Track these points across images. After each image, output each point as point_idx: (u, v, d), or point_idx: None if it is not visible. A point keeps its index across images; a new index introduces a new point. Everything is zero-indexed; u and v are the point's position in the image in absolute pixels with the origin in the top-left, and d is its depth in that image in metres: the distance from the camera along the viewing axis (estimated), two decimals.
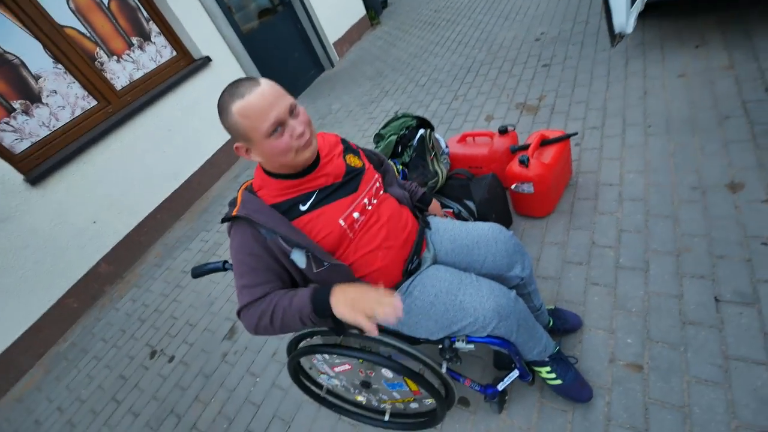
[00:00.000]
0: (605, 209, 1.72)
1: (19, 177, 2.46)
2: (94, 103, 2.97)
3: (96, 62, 2.97)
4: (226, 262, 1.11)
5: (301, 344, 1.16)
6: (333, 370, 1.18)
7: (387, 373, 1.09)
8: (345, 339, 1.07)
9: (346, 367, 1.14)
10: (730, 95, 1.93)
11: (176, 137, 3.32)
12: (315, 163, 0.96)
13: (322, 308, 0.82)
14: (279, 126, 0.83)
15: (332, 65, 4.92)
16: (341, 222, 0.93)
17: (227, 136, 3.71)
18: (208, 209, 3.28)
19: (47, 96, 2.75)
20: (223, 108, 0.84)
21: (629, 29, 1.84)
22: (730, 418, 1.03)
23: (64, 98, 2.83)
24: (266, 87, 0.83)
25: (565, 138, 1.73)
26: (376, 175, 1.06)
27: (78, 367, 2.31)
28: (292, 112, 0.85)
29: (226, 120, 0.85)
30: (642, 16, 2.72)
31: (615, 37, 1.88)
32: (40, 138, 2.70)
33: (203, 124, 3.51)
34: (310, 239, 0.89)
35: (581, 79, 2.55)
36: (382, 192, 1.06)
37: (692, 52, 2.29)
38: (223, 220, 0.92)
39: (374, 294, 0.78)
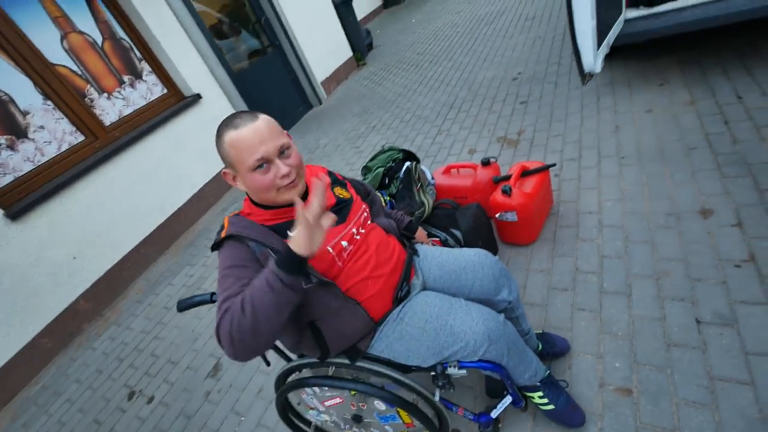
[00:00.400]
0: (586, 236, 1.78)
1: None
2: (81, 138, 2.98)
3: (86, 99, 3.01)
4: (213, 294, 1.10)
5: (290, 378, 1.14)
6: (323, 405, 1.15)
7: (379, 405, 1.06)
8: (336, 371, 1.06)
9: (338, 400, 1.12)
10: (693, 128, 2.08)
11: (163, 171, 3.33)
12: (304, 195, 0.99)
13: (284, 259, 0.77)
14: (265, 163, 0.86)
15: (320, 102, 5.09)
16: (329, 249, 0.94)
17: (214, 170, 3.74)
18: (193, 243, 3.24)
19: (34, 131, 2.75)
20: (218, 135, 0.89)
21: (597, 69, 2.00)
22: None
23: (51, 133, 2.84)
24: (261, 123, 0.87)
25: (544, 169, 1.81)
26: (364, 206, 1.10)
27: (48, 412, 2.16)
28: (282, 152, 0.88)
29: (218, 146, 0.90)
30: (609, 57, 2.95)
31: (585, 76, 2.04)
32: (23, 173, 2.67)
33: (191, 159, 3.54)
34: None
35: (557, 114, 2.71)
36: (369, 222, 1.09)
37: (657, 90, 2.48)
38: (213, 248, 0.93)
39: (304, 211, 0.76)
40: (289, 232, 0.79)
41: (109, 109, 3.15)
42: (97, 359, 2.40)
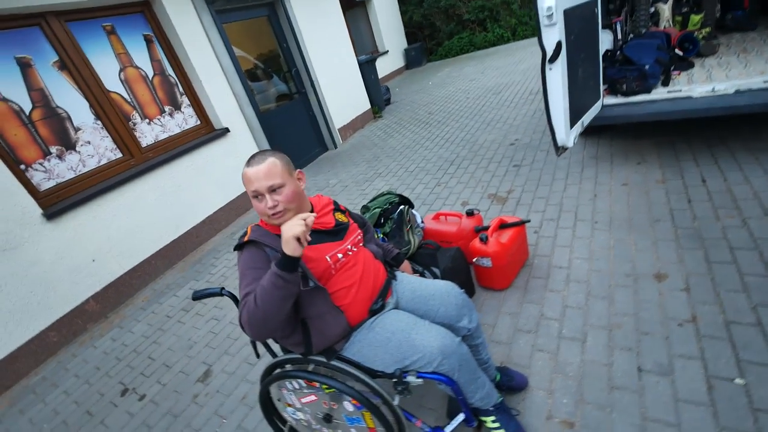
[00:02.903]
0: (554, 287, 1.98)
1: (38, 211, 2.71)
2: (119, 155, 3.34)
3: (130, 122, 3.42)
4: (223, 288, 1.32)
5: (275, 372, 1.32)
6: (300, 401, 1.32)
7: (348, 406, 1.24)
8: (315, 368, 1.25)
9: (312, 398, 1.29)
10: (660, 203, 2.33)
11: (184, 193, 3.65)
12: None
13: (280, 260, 1.00)
14: (259, 195, 1.14)
15: (335, 147, 5.53)
16: (327, 258, 1.18)
17: (230, 197, 4.07)
18: (201, 260, 3.47)
19: (81, 145, 3.12)
20: None
21: (570, 144, 2.30)
22: None
23: (95, 149, 3.21)
24: (263, 166, 1.13)
25: (520, 224, 2.06)
26: (359, 231, 1.35)
27: (45, 401, 2.29)
28: (274, 190, 1.13)
29: None
30: (597, 135, 3.31)
31: (558, 149, 2.34)
32: (65, 179, 3.00)
33: (210, 184, 3.88)
34: (303, 262, 1.13)
35: (544, 179, 3.00)
36: (361, 244, 1.33)
37: (634, 167, 2.77)
38: (236, 248, 1.18)
39: (294, 219, 1.02)
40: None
41: (148, 133, 3.54)
42: (97, 357, 2.56)
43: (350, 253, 1.26)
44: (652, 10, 3.23)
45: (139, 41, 3.53)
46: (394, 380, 1.17)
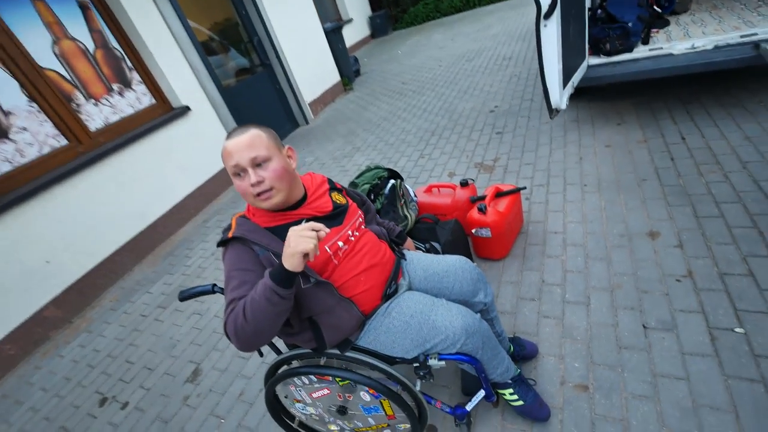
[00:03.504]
0: (552, 253, 1.97)
1: None
2: (64, 142, 2.97)
3: (72, 103, 3.03)
4: (215, 285, 1.18)
5: (281, 370, 1.21)
6: (311, 396, 1.23)
7: (365, 396, 1.15)
8: (327, 361, 1.15)
9: (325, 392, 1.20)
10: (645, 162, 2.35)
11: (146, 180, 3.34)
12: (303, 199, 1.11)
13: (277, 274, 0.85)
14: (241, 171, 0.98)
15: (307, 122, 5.25)
16: (327, 248, 1.05)
17: (198, 182, 3.77)
18: (173, 252, 3.23)
19: (15, 132, 2.73)
20: None
21: (563, 105, 2.25)
22: (660, 426, 1.19)
23: (34, 135, 2.82)
24: (245, 137, 0.98)
25: (516, 191, 2.01)
26: (359, 212, 1.22)
27: (9, 421, 2.07)
28: (259, 164, 0.98)
29: None
30: (576, 98, 3.28)
31: (552, 111, 2.29)
32: (1, 173, 2.63)
33: (176, 170, 3.57)
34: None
35: (529, 145, 2.96)
36: (363, 227, 1.21)
37: (615, 128, 2.78)
38: (219, 244, 1.02)
39: (304, 229, 0.86)
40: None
41: (96, 115, 3.17)
42: (66, 367, 2.33)
43: (352, 238, 1.13)
44: None
45: (72, 8, 3.08)
46: (416, 365, 1.10)
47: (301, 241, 0.84)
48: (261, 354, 1.21)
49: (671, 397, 1.25)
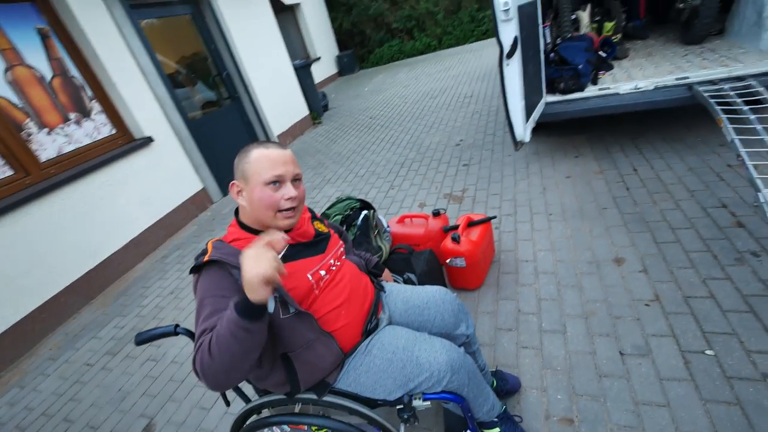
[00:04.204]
0: (525, 281, 1.98)
1: None
2: (9, 172, 2.74)
3: (23, 132, 2.83)
4: (177, 325, 1.06)
5: (250, 420, 1.09)
6: None
7: None
8: (303, 407, 1.05)
9: None
10: (603, 192, 2.48)
11: (101, 213, 3.12)
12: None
13: (242, 305, 0.74)
14: (278, 182, 0.95)
15: None
16: (309, 276, 0.99)
17: (158, 215, 3.57)
18: (126, 291, 2.97)
19: None
20: (245, 151, 0.99)
21: (527, 138, 2.37)
22: None
23: None
24: (288, 152, 1.00)
25: (487, 220, 2.04)
26: (340, 242, 1.17)
27: None
28: (295, 180, 0.99)
29: (240, 160, 0.99)
30: (535, 132, 3.47)
31: (517, 143, 2.40)
32: None
33: (134, 203, 3.37)
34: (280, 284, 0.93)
35: (494, 176, 3.07)
36: (344, 257, 1.16)
37: (573, 161, 2.95)
38: (192, 270, 0.93)
39: (257, 248, 0.75)
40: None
41: (48, 145, 2.97)
42: None
43: (333, 268, 1.08)
44: (573, 17, 3.51)
45: (30, 35, 2.95)
46: (399, 407, 1.02)
47: (256, 264, 0.71)
48: (227, 403, 1.09)
49: (654, 426, 1.24)
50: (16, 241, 2.60)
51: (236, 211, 1.06)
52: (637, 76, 2.90)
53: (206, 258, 0.90)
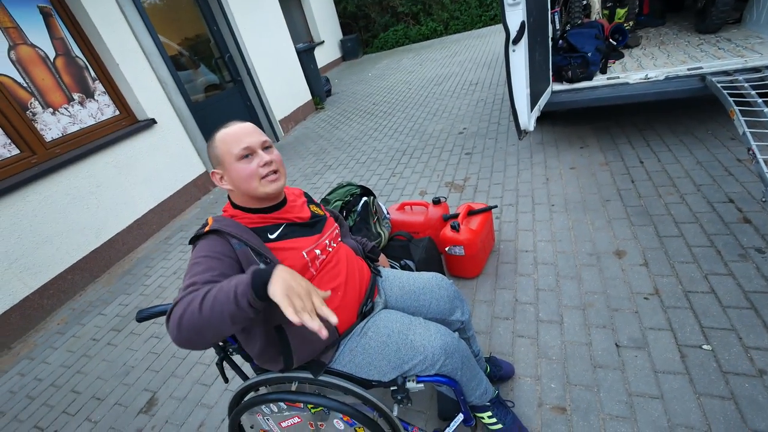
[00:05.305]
0: (524, 271, 1.99)
1: None
2: (16, 151, 2.76)
3: (28, 112, 2.83)
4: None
5: (248, 397, 1.12)
6: (280, 426, 1.14)
7: (338, 424, 1.08)
8: (299, 386, 1.07)
9: (296, 420, 1.11)
10: (608, 184, 2.46)
11: (105, 194, 3.14)
12: (282, 203, 1.07)
13: (260, 283, 0.72)
14: (249, 153, 0.98)
15: (277, 139, 5.18)
16: (304, 254, 1.00)
17: (161, 197, 3.60)
18: (131, 271, 3.02)
19: None
20: (211, 138, 1.02)
21: (531, 127, 2.34)
22: None
23: None
24: (247, 125, 1.03)
25: (487, 210, 2.03)
26: (336, 225, 1.18)
27: None
28: (266, 148, 1.01)
29: (210, 148, 1.02)
30: (540, 122, 3.43)
31: (521, 132, 2.37)
32: None
33: (137, 183, 3.39)
34: (277, 258, 0.95)
35: (497, 166, 3.04)
36: (340, 239, 1.17)
37: (578, 151, 2.91)
38: (192, 240, 0.95)
39: (308, 287, 0.74)
40: (278, 266, 0.76)
41: (53, 125, 2.97)
42: (1, 398, 2.08)
43: (330, 249, 1.09)
44: (585, 2, 3.41)
45: (33, 14, 2.93)
46: (393, 389, 1.04)
47: (296, 282, 0.72)
48: (226, 380, 1.12)
49: (647, 417, 1.26)
50: (23, 220, 2.63)
51: (229, 198, 1.08)
52: (648, 66, 2.83)
53: (207, 229, 0.93)
